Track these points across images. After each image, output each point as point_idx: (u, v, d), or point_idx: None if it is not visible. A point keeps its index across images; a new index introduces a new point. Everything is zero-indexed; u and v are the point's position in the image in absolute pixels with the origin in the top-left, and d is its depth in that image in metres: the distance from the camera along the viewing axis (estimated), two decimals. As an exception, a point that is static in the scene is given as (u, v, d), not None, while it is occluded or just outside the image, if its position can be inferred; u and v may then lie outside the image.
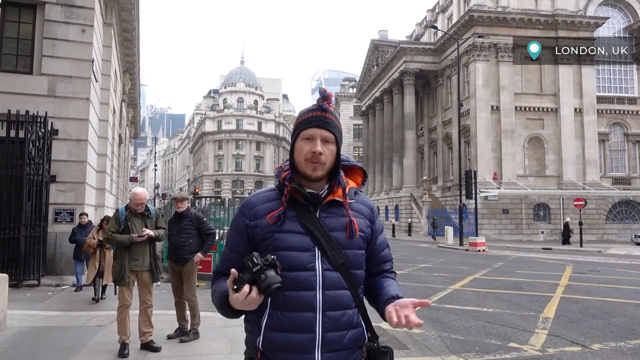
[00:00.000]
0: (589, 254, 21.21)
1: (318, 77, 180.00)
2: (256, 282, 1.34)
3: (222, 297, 1.45)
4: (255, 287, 1.33)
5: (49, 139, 10.28)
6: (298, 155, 1.55)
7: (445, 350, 5.37)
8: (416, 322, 1.37)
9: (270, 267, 1.35)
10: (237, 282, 1.35)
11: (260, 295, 1.35)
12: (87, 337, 5.50)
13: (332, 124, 1.55)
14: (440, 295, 9.05)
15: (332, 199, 1.57)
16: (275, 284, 1.33)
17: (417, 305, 1.41)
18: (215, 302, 1.53)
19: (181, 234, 5.76)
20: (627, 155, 35.09)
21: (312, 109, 1.57)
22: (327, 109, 1.57)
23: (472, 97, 32.87)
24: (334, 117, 1.58)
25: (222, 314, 1.51)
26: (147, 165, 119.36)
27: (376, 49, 48.30)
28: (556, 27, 33.04)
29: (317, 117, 1.55)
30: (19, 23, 10.93)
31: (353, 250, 1.56)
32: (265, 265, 1.34)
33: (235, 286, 1.34)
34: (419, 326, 1.38)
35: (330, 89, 58.90)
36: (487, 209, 30.36)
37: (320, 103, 1.56)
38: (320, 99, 1.57)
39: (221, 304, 1.47)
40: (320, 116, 1.55)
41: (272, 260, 1.36)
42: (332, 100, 1.60)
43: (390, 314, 1.41)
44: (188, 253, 5.71)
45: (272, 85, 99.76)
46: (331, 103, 1.59)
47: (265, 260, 1.35)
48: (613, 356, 5.20)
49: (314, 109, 1.57)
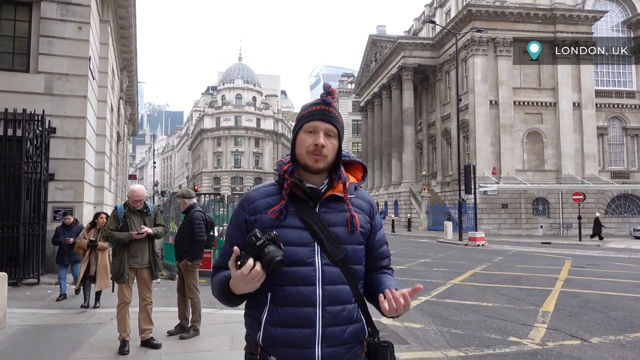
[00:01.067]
0: (588, 247, 21.27)
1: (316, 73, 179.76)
2: (259, 257, 1.35)
3: (223, 282, 1.46)
4: (258, 262, 1.35)
5: (47, 137, 10.25)
6: (300, 147, 1.55)
7: (446, 344, 5.38)
8: (407, 305, 1.40)
9: (272, 242, 1.36)
10: (240, 258, 1.35)
11: (264, 270, 1.36)
12: (87, 335, 5.50)
13: (336, 118, 1.56)
14: (440, 290, 9.07)
15: (332, 194, 1.57)
16: (278, 257, 1.34)
17: (411, 294, 1.42)
18: (215, 290, 1.54)
19: (179, 232, 5.77)
20: (625, 149, 35.10)
21: (316, 103, 1.58)
22: (331, 103, 1.57)
23: (470, 91, 32.83)
24: (337, 112, 1.59)
25: (222, 302, 1.52)
26: (145, 163, 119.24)
27: (374, 44, 48.19)
28: (554, 22, 32.98)
29: (321, 110, 1.55)
30: (15, 21, 10.87)
31: (353, 246, 1.56)
32: (267, 240, 1.36)
33: (239, 262, 1.35)
34: (408, 309, 1.41)
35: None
36: (486, 203, 30.38)
37: (324, 97, 1.57)
38: (324, 93, 1.57)
39: (222, 290, 1.48)
40: (324, 110, 1.55)
41: (274, 236, 1.38)
42: (336, 95, 1.61)
43: (382, 302, 1.42)
44: (180, 252, 5.70)
45: (271, 82, 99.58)
46: (335, 98, 1.59)
47: (267, 235, 1.36)
48: (612, 349, 5.22)
49: (318, 102, 1.58)
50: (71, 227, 8.31)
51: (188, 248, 5.70)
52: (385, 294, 1.43)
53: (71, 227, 8.29)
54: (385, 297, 1.42)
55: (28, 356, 4.76)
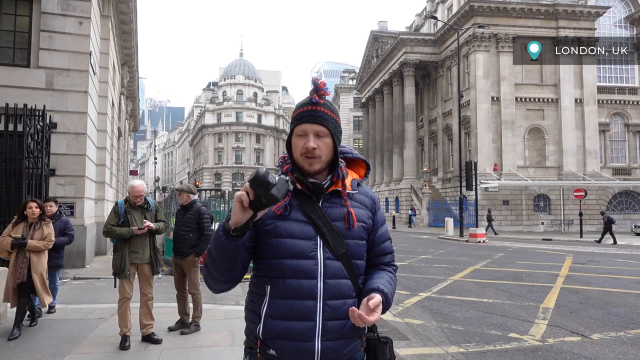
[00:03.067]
0: (589, 244, 21.25)
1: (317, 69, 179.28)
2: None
3: (218, 231, 1.42)
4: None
5: (48, 132, 10.24)
6: (295, 151, 1.55)
7: (446, 340, 5.38)
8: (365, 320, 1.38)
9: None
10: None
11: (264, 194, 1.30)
12: (88, 330, 5.51)
13: (325, 117, 1.52)
14: (440, 286, 9.07)
15: (334, 189, 1.57)
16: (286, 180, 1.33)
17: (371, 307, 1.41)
18: (209, 255, 1.48)
19: (182, 226, 5.74)
20: (627, 145, 35.03)
21: (304, 104, 1.55)
22: (318, 102, 1.53)
23: (472, 88, 32.75)
24: (328, 109, 1.54)
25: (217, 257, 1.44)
26: (147, 159, 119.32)
27: (376, 40, 48.03)
28: (557, 17, 32.83)
29: (308, 112, 1.52)
30: (16, 15, 10.83)
31: (355, 241, 1.56)
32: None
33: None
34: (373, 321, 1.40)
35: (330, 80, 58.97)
36: (487, 200, 30.36)
37: (312, 96, 1.53)
38: (312, 90, 1.53)
39: (216, 240, 1.42)
40: (310, 111, 1.52)
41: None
42: (325, 89, 1.54)
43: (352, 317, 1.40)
44: (187, 247, 5.66)
45: (272, 78, 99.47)
46: (324, 94, 1.54)
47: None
48: (613, 346, 5.21)
49: (306, 103, 1.55)
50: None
51: (196, 242, 5.69)
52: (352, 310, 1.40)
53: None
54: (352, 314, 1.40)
55: (29, 351, 4.77)
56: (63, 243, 6.35)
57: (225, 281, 1.50)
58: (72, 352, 4.72)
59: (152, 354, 4.71)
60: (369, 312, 1.40)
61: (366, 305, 1.42)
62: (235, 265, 1.46)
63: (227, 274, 1.48)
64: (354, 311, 1.39)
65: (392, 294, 1.55)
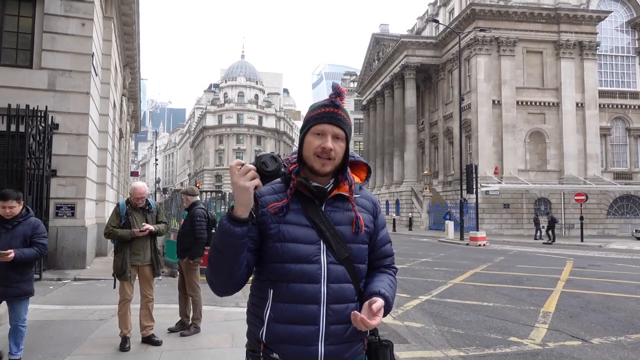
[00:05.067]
0: (589, 248, 21.22)
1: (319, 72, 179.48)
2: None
3: (222, 220, 1.42)
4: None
5: (50, 133, 10.26)
6: (307, 150, 1.54)
7: (446, 344, 5.38)
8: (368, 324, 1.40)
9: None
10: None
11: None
12: (88, 331, 5.52)
13: (344, 121, 1.55)
14: (440, 289, 9.07)
15: (337, 193, 1.57)
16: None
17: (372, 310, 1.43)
18: (213, 250, 1.47)
19: (182, 229, 5.77)
20: (628, 149, 35.01)
21: (325, 104, 1.56)
22: (340, 105, 1.55)
23: (473, 91, 32.77)
24: (346, 114, 1.57)
25: (221, 249, 1.43)
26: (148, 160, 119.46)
27: (377, 43, 48.11)
28: (558, 21, 32.89)
29: (330, 113, 1.53)
30: (19, 17, 10.88)
31: (357, 245, 1.56)
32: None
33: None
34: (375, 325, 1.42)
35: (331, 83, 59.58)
36: (488, 203, 30.34)
37: (333, 99, 1.55)
38: (333, 94, 1.55)
39: (220, 230, 1.42)
40: (332, 112, 1.53)
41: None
42: (345, 96, 1.58)
43: (354, 320, 1.42)
44: (182, 249, 5.71)
45: (273, 80, 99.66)
46: (344, 99, 1.57)
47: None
48: (613, 350, 5.21)
49: (327, 104, 1.55)
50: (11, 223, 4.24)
51: (190, 245, 5.70)
52: (355, 314, 1.42)
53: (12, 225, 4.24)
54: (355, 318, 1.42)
55: (29, 352, 4.76)
56: (29, 258, 4.10)
57: (228, 279, 1.45)
58: (72, 353, 4.73)
59: (152, 355, 4.71)
60: (372, 316, 1.41)
61: (368, 309, 1.42)
62: (240, 260, 1.42)
63: (231, 270, 1.43)
64: (357, 315, 1.40)
65: (392, 297, 1.56)
